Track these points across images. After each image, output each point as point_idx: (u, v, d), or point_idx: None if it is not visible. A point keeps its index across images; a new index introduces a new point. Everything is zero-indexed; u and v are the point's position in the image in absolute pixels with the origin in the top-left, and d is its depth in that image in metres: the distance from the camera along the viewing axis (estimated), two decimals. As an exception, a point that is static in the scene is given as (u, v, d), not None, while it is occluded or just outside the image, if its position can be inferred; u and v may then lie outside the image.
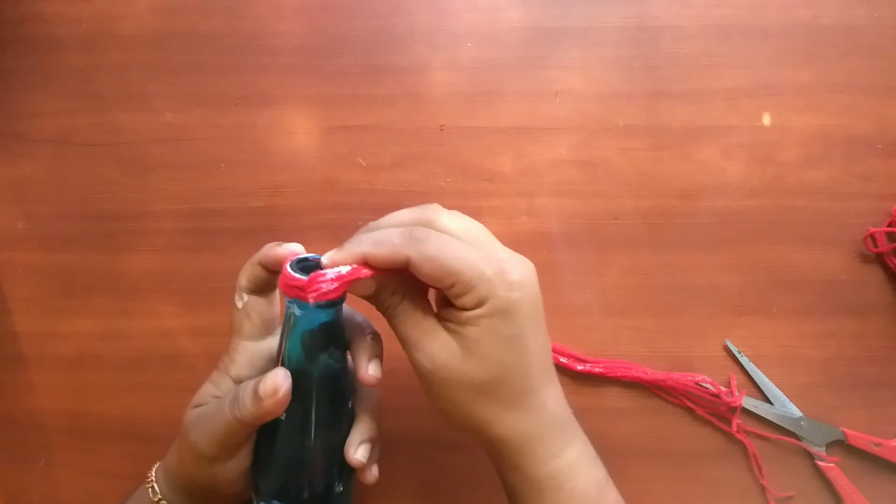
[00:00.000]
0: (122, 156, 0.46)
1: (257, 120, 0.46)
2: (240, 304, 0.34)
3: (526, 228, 0.45)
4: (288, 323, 0.31)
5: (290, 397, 0.30)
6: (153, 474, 0.35)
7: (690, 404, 0.43)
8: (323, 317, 0.31)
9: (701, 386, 0.43)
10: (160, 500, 0.34)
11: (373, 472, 0.33)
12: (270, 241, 0.34)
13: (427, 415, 0.44)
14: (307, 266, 0.31)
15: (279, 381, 0.30)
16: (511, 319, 0.29)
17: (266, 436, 0.32)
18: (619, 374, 0.43)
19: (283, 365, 0.31)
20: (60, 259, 0.46)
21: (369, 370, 0.31)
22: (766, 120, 0.45)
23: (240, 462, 0.32)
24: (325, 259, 0.29)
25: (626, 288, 0.45)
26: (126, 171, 0.46)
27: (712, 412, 0.43)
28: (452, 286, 0.28)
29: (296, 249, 0.32)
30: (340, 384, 0.32)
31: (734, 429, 0.43)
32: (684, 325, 0.44)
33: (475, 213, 0.44)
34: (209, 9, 0.46)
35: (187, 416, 0.33)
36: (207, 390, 0.34)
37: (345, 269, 0.29)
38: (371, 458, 0.33)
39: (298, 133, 0.46)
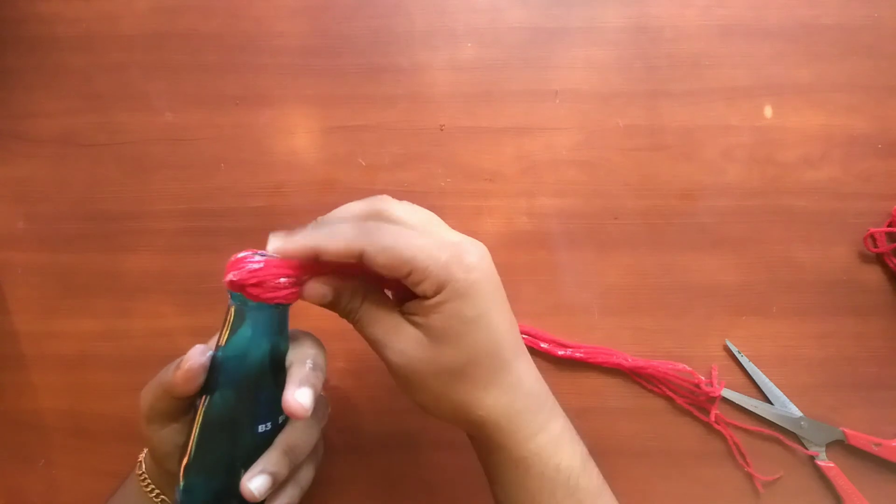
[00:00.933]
0: (122, 156, 0.46)
1: (257, 120, 0.46)
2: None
3: (526, 228, 0.45)
4: (227, 310, 0.30)
5: (197, 377, 0.29)
6: (143, 454, 0.36)
7: (671, 393, 0.43)
8: (250, 312, 0.29)
9: (680, 375, 0.43)
10: (142, 473, 0.35)
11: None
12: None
13: (421, 415, 0.44)
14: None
15: (190, 354, 0.30)
16: (473, 300, 0.29)
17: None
18: (599, 360, 0.43)
19: (214, 349, 0.30)
20: (60, 259, 0.46)
21: (297, 395, 0.29)
22: (768, 112, 0.45)
23: (171, 435, 0.32)
24: (270, 247, 0.29)
25: (626, 288, 0.45)
26: (126, 171, 0.46)
27: (693, 402, 0.43)
28: (410, 274, 0.28)
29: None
30: (258, 397, 0.30)
31: (712, 419, 0.43)
32: (684, 326, 0.44)
33: (475, 213, 0.45)
34: (209, 9, 0.46)
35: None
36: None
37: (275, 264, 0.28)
38: (277, 498, 0.31)
39: (298, 133, 0.46)
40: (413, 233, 0.29)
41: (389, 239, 0.28)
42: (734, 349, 0.44)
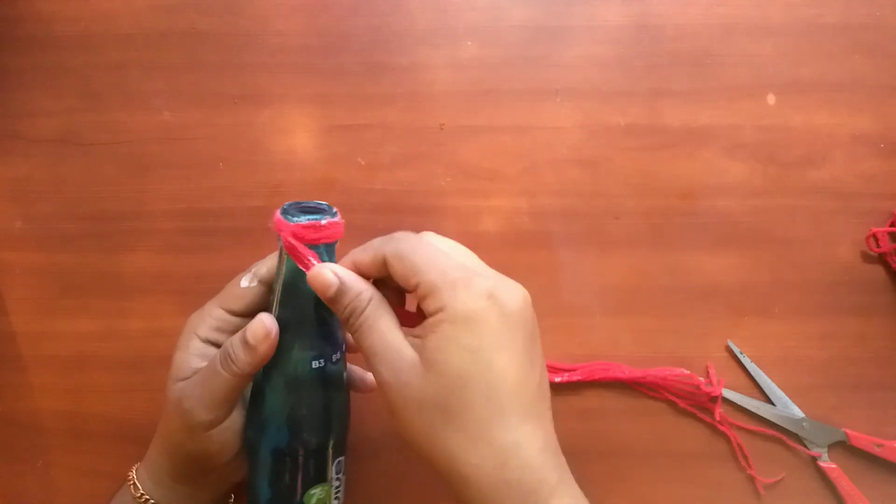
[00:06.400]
0: (120, 155, 0.46)
1: (256, 119, 0.46)
2: (244, 284, 0.34)
3: (527, 228, 0.45)
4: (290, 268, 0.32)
5: (278, 340, 0.31)
6: (133, 474, 0.35)
7: (672, 398, 0.43)
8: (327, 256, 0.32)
9: (680, 379, 0.43)
10: (142, 495, 0.34)
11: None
12: (269, 242, 0.34)
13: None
14: (305, 208, 0.32)
15: (268, 324, 0.31)
16: (473, 329, 0.26)
17: (268, 385, 0.33)
18: (598, 377, 0.43)
19: (279, 308, 0.32)
20: (58, 259, 0.45)
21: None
22: (771, 100, 0.44)
23: (232, 422, 0.33)
24: (315, 269, 0.30)
25: (627, 288, 0.44)
26: (124, 171, 0.46)
27: (695, 404, 0.43)
28: (417, 286, 0.27)
29: None
30: (337, 324, 0.34)
31: (717, 418, 0.42)
32: (686, 326, 0.44)
33: (475, 214, 0.45)
34: (208, 7, 0.46)
35: (172, 390, 0.33)
36: (181, 360, 0.33)
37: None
38: None
39: (297, 132, 0.45)
40: (437, 252, 0.28)
41: (408, 248, 0.28)
42: (736, 350, 0.43)
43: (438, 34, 0.45)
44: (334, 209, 0.32)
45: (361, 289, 0.29)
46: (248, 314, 0.33)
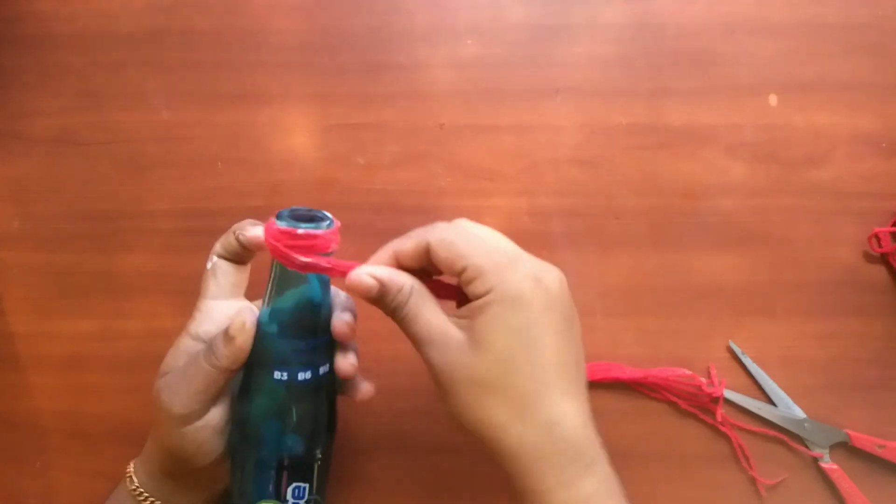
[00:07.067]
0: (118, 154, 0.46)
1: (255, 118, 0.45)
2: (209, 266, 0.35)
3: (527, 228, 0.45)
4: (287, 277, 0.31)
5: (253, 334, 0.31)
6: (131, 467, 0.36)
7: (674, 398, 0.43)
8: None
9: (681, 380, 0.42)
10: (136, 488, 0.34)
11: (367, 388, 0.35)
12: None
13: (425, 417, 0.43)
14: (302, 215, 0.31)
15: (245, 316, 0.31)
16: (520, 309, 0.28)
17: (245, 385, 0.32)
18: (598, 377, 0.43)
19: (268, 312, 0.31)
20: (56, 259, 0.45)
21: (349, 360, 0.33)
22: (773, 101, 0.44)
23: (208, 421, 0.32)
24: (353, 274, 0.30)
25: (628, 288, 0.44)
26: (122, 170, 0.45)
27: (696, 405, 0.43)
28: (464, 270, 0.28)
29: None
30: (329, 316, 0.33)
31: (718, 419, 0.42)
32: (687, 326, 0.44)
33: (475, 213, 0.45)
34: (206, 6, 0.46)
35: (157, 384, 0.33)
36: (171, 357, 0.33)
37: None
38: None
39: (296, 131, 0.45)
40: (480, 238, 0.30)
41: (452, 234, 0.29)
42: (737, 350, 0.43)
43: (438, 33, 0.45)
44: (329, 221, 0.31)
45: (402, 283, 0.30)
46: (231, 296, 0.34)
